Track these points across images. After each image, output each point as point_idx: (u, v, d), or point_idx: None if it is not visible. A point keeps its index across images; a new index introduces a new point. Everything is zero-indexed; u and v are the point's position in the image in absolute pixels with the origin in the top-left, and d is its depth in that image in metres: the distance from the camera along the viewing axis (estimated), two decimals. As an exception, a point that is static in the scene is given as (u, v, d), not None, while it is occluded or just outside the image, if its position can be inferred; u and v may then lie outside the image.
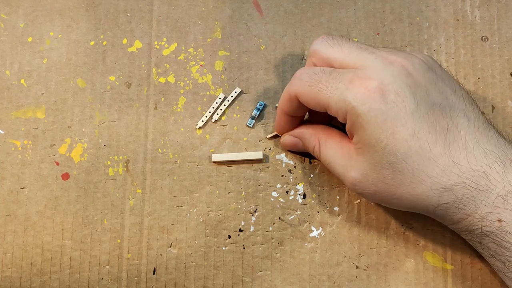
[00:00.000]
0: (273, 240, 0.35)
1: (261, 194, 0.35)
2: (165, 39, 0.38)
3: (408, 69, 0.28)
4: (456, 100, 0.28)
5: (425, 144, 0.27)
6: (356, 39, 0.37)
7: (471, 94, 0.36)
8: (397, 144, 0.27)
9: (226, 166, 0.36)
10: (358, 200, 0.35)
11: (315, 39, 0.31)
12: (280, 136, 0.36)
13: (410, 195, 0.28)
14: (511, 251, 0.27)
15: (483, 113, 0.29)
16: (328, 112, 0.29)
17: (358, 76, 0.27)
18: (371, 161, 0.28)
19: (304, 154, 0.36)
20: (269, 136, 0.36)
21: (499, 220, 0.26)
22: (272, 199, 0.35)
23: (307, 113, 0.35)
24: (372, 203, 0.35)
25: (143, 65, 0.37)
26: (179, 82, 0.37)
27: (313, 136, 0.32)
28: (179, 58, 0.37)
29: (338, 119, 0.29)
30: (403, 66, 0.28)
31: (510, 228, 0.26)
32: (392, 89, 0.27)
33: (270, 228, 0.35)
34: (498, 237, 0.27)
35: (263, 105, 0.36)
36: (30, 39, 0.38)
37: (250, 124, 0.36)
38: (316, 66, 0.30)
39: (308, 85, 0.29)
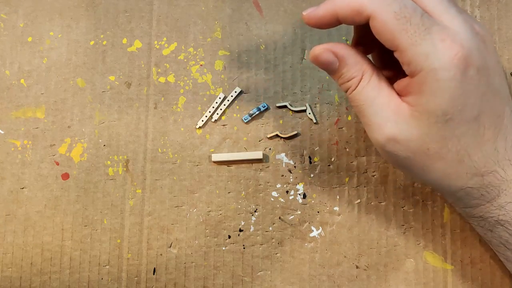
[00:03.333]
0: (273, 240, 0.35)
1: (261, 194, 0.35)
2: (165, 38, 0.38)
3: (487, 46, 0.27)
4: (505, 87, 0.28)
5: (481, 128, 0.26)
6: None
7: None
8: (460, 122, 0.26)
9: (226, 166, 0.36)
10: (358, 200, 0.35)
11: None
12: (280, 136, 0.36)
13: (442, 171, 0.27)
14: None
15: None
16: (396, 54, 0.26)
17: (450, 38, 0.25)
18: (424, 129, 0.26)
19: (302, 153, 0.36)
20: (269, 135, 0.36)
21: None
22: (272, 199, 0.35)
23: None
24: (372, 203, 0.35)
25: (143, 65, 0.37)
26: (179, 82, 0.37)
27: (358, 65, 0.27)
28: (179, 57, 0.37)
29: (403, 67, 0.26)
30: (484, 42, 0.26)
31: None
32: (476, 64, 0.25)
33: (270, 228, 0.35)
34: None
35: (266, 107, 0.36)
36: (30, 39, 0.38)
37: (245, 120, 0.36)
38: None
39: (395, 16, 0.25)
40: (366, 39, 0.29)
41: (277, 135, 0.36)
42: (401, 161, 0.27)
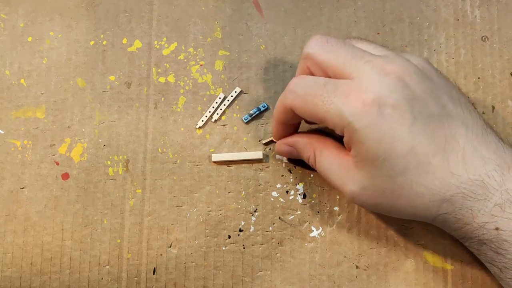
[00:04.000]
0: (273, 240, 0.35)
1: (261, 194, 0.35)
2: (165, 38, 0.38)
3: (406, 80, 0.27)
4: (453, 108, 0.28)
5: (424, 158, 0.26)
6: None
7: (471, 94, 0.36)
8: (395, 159, 0.26)
9: (226, 166, 0.36)
10: (358, 200, 0.35)
11: (309, 39, 0.30)
12: (276, 142, 0.36)
13: (409, 206, 0.28)
14: (507, 258, 0.27)
15: (481, 116, 0.29)
16: (326, 125, 0.29)
17: (354, 90, 0.27)
18: (370, 175, 0.28)
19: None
20: (264, 141, 0.36)
21: (497, 229, 0.26)
22: (272, 199, 0.35)
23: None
24: (372, 203, 0.35)
25: (143, 65, 0.37)
26: (179, 82, 0.37)
27: (308, 146, 0.32)
28: (179, 57, 0.37)
29: (336, 131, 0.28)
30: (400, 77, 0.27)
31: (506, 236, 0.26)
32: (389, 103, 0.26)
33: (270, 228, 0.35)
34: (495, 245, 0.27)
35: (266, 107, 0.36)
36: (30, 39, 0.38)
37: (245, 120, 0.36)
38: (309, 69, 0.30)
39: (303, 99, 0.28)
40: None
41: (272, 141, 0.36)
42: (374, 208, 0.29)
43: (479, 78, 0.36)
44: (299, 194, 0.35)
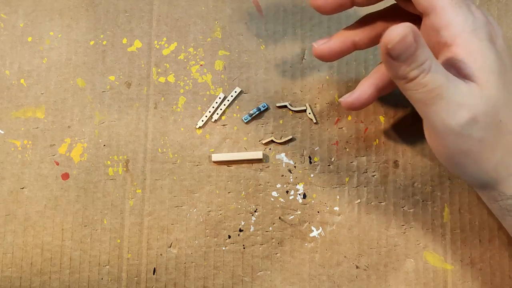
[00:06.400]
0: (273, 240, 0.35)
1: (261, 194, 0.35)
2: (165, 38, 0.38)
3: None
4: None
5: None
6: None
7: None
8: None
9: (226, 166, 0.36)
10: (358, 200, 0.35)
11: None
12: (274, 141, 0.36)
13: (507, 149, 0.25)
14: None
15: None
16: (429, 19, 0.25)
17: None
18: (492, 98, 0.24)
19: (303, 153, 0.36)
20: (264, 141, 0.36)
21: None
22: (272, 199, 0.35)
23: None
24: (372, 203, 0.35)
25: (143, 65, 0.37)
26: (179, 82, 0.37)
27: (426, 45, 0.23)
28: (179, 57, 0.37)
29: (440, 33, 0.25)
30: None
31: None
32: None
33: (270, 228, 0.35)
34: None
35: (266, 107, 0.36)
36: (30, 39, 0.38)
37: (245, 120, 0.36)
38: None
39: None
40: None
41: (273, 141, 0.36)
42: (470, 147, 0.25)
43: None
44: (299, 194, 0.35)
